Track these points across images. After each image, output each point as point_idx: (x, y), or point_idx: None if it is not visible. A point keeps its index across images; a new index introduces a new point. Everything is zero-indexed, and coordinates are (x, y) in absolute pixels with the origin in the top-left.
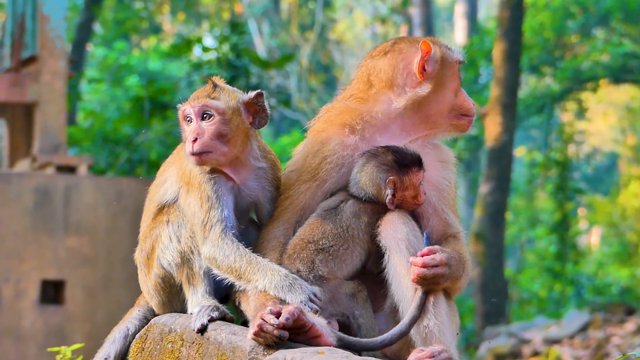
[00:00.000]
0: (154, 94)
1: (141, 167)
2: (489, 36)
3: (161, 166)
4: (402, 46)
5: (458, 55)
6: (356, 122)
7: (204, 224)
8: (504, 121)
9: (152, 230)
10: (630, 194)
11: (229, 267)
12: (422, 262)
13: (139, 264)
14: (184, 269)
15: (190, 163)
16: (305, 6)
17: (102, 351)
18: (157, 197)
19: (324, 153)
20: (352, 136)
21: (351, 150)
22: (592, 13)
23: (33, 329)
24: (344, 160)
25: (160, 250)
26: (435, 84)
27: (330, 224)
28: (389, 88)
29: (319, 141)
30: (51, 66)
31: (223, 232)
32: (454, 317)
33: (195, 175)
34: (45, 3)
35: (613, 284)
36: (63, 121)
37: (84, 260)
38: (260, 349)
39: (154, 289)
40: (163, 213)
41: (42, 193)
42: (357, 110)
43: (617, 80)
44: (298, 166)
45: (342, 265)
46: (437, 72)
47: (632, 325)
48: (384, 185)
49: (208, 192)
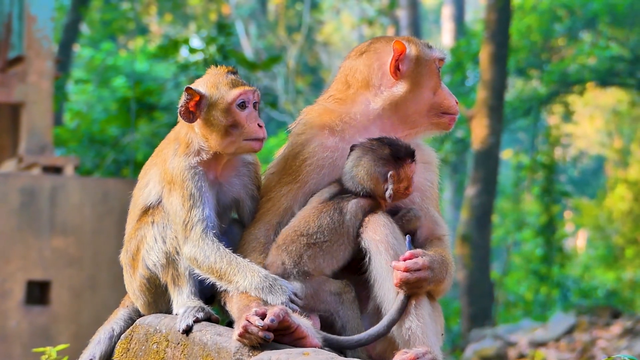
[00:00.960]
0: (141, 95)
1: (127, 168)
2: (476, 38)
3: (142, 169)
4: (378, 46)
5: (436, 53)
6: (335, 124)
7: (185, 223)
8: (490, 124)
9: (137, 231)
10: (617, 197)
11: (209, 267)
12: (405, 267)
13: (125, 265)
14: (169, 269)
15: (173, 163)
16: (292, 8)
17: (87, 352)
18: (141, 200)
19: (304, 155)
20: (332, 137)
21: (331, 151)
22: (579, 16)
23: (18, 330)
24: (325, 162)
25: (145, 251)
26: (411, 83)
27: (327, 217)
28: (366, 88)
29: (299, 143)
30: (38, 66)
31: (204, 232)
32: (438, 319)
33: (178, 172)
34: (32, 3)
35: (599, 287)
36: (49, 122)
37: (70, 260)
38: (246, 350)
39: (140, 289)
40: (148, 214)
41: (28, 193)
42: (336, 112)
43: (604, 84)
44: (279, 168)
45: (332, 261)
46: (412, 70)
47: (617, 328)
48: (382, 180)
49: (191, 189)
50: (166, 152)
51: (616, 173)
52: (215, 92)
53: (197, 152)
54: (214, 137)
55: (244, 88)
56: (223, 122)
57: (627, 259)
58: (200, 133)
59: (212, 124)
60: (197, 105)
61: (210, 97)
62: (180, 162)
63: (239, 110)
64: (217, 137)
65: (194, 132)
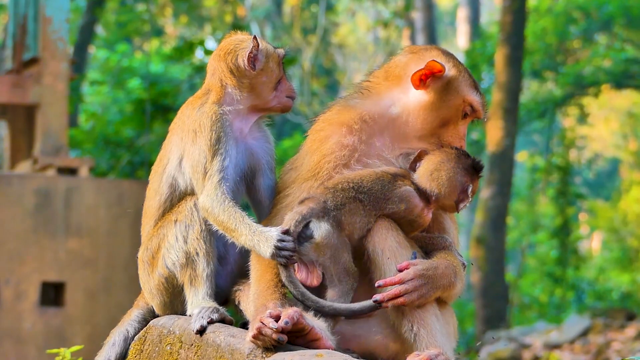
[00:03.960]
0: (156, 96)
1: (142, 170)
2: (491, 41)
3: (157, 158)
4: (427, 54)
5: (470, 94)
6: (355, 122)
7: (205, 171)
8: (505, 126)
9: (160, 230)
10: (632, 200)
11: (215, 219)
12: (399, 279)
13: (143, 263)
14: (188, 269)
15: (204, 109)
16: (307, 9)
17: (102, 354)
18: (162, 188)
19: (322, 152)
20: (349, 136)
21: (349, 150)
22: (595, 18)
23: (33, 331)
24: (342, 160)
25: (165, 249)
26: (433, 99)
27: (379, 185)
28: (397, 85)
29: (318, 140)
30: (53, 68)
31: (219, 183)
32: (450, 320)
33: (207, 117)
34: (48, 5)
35: (614, 289)
36: (64, 123)
37: (85, 262)
38: (259, 352)
39: (157, 288)
40: (172, 212)
41: (43, 195)
42: (357, 109)
43: (619, 86)
44: (298, 164)
45: (364, 228)
46: (438, 89)
47: (632, 331)
48: (460, 189)
49: (219, 133)
50: (192, 107)
51: (631, 175)
52: (269, 47)
53: (229, 102)
54: (265, 88)
55: (284, 49)
56: (276, 75)
57: None
58: (249, 84)
59: (267, 75)
60: (254, 57)
61: (267, 49)
62: (212, 108)
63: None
64: (267, 88)
65: (235, 83)
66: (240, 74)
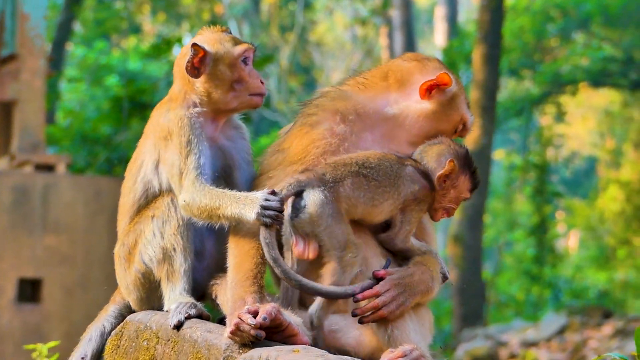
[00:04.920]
0: (134, 93)
1: (120, 167)
2: (469, 39)
3: (132, 157)
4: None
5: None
6: (349, 112)
7: (180, 172)
8: (483, 124)
9: (136, 225)
10: (609, 198)
11: (198, 208)
12: (376, 291)
13: (119, 259)
14: (165, 265)
15: (169, 116)
16: (285, 7)
17: (79, 350)
18: (137, 186)
19: (312, 136)
20: (342, 125)
21: (339, 139)
22: (572, 17)
23: (10, 327)
24: (331, 148)
25: (142, 245)
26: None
27: (387, 163)
28: (396, 90)
29: (309, 124)
30: (30, 65)
31: (196, 178)
32: (426, 316)
33: (175, 121)
34: (25, 2)
35: (590, 288)
36: (42, 120)
37: (62, 259)
38: (236, 347)
39: (133, 284)
40: (149, 208)
41: (21, 191)
42: (352, 100)
43: (597, 84)
44: (285, 147)
45: (368, 204)
46: (440, 102)
47: (609, 329)
48: (444, 164)
49: (188, 135)
50: (158, 113)
51: (608, 174)
52: (221, 48)
53: (193, 105)
54: (218, 92)
55: (247, 45)
56: (229, 77)
57: (618, 260)
58: (202, 89)
59: (217, 79)
60: (201, 61)
61: (216, 52)
62: (177, 113)
63: (243, 66)
64: (221, 91)
65: (191, 89)
66: (191, 80)
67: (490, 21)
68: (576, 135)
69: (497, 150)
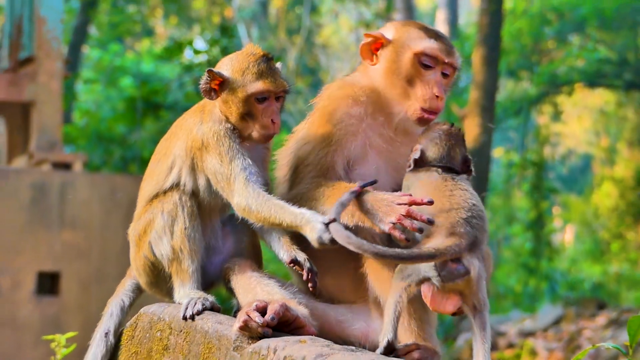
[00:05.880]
0: (147, 94)
1: (134, 165)
2: (469, 41)
3: (158, 148)
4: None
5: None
6: (359, 95)
7: (228, 177)
8: (482, 123)
9: (147, 213)
10: (603, 194)
11: (256, 216)
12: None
13: (131, 240)
14: (174, 263)
15: (202, 129)
16: (292, 11)
17: (102, 326)
18: (169, 178)
19: (333, 121)
20: (356, 107)
21: (356, 120)
22: (568, 20)
23: (30, 319)
24: (351, 129)
25: (152, 237)
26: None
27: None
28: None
29: (327, 113)
30: (48, 67)
31: (247, 180)
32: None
33: (211, 134)
34: (42, 6)
35: (585, 280)
36: (59, 120)
37: (79, 253)
38: (245, 338)
39: (143, 269)
40: (159, 200)
41: (39, 189)
42: (357, 85)
43: (592, 85)
44: (310, 139)
45: None
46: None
47: (603, 319)
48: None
49: (228, 144)
50: (190, 122)
51: (603, 171)
52: (239, 79)
53: (224, 120)
54: (232, 117)
55: (268, 86)
56: (239, 109)
57: (612, 253)
58: (219, 108)
59: (229, 106)
60: (220, 85)
61: (233, 82)
62: (211, 127)
63: (257, 104)
64: (234, 119)
65: (217, 106)
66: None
67: (489, 24)
68: (572, 134)
69: (496, 148)
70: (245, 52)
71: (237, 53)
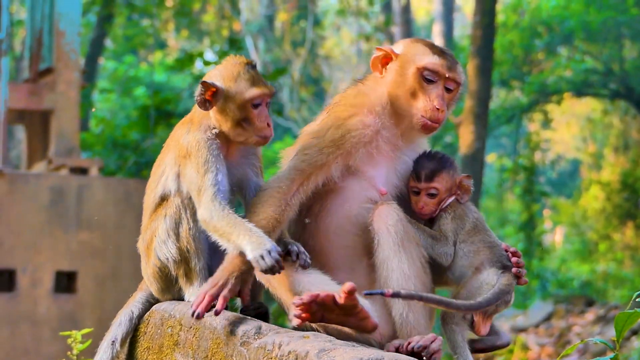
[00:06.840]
0: (159, 103)
1: (147, 170)
2: (464, 53)
3: (156, 161)
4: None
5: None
6: (374, 104)
7: (199, 188)
8: (476, 130)
9: (152, 222)
10: (591, 197)
11: (214, 227)
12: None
13: (141, 252)
14: (182, 265)
15: (188, 138)
16: (297, 24)
17: (110, 334)
18: (158, 188)
19: (347, 127)
20: (370, 116)
21: (371, 130)
22: (557, 33)
23: (48, 315)
24: (365, 139)
25: (157, 243)
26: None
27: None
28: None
29: (342, 117)
30: (66, 77)
31: (214, 195)
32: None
33: (194, 143)
34: (61, 20)
35: (574, 279)
36: (76, 127)
37: (95, 253)
38: (252, 334)
39: (153, 276)
40: (162, 206)
41: (57, 192)
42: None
43: (579, 94)
44: (320, 135)
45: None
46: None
47: (591, 316)
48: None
49: (205, 155)
50: (179, 132)
51: (590, 175)
52: (233, 86)
53: (210, 129)
54: (227, 125)
55: (263, 90)
56: (236, 116)
57: (600, 253)
58: (214, 118)
59: (226, 114)
60: (213, 95)
61: (228, 90)
62: (195, 135)
63: (253, 109)
64: (230, 126)
65: (208, 116)
66: (205, 112)
67: (483, 37)
68: (561, 140)
69: (489, 154)
70: (230, 61)
71: (223, 64)
